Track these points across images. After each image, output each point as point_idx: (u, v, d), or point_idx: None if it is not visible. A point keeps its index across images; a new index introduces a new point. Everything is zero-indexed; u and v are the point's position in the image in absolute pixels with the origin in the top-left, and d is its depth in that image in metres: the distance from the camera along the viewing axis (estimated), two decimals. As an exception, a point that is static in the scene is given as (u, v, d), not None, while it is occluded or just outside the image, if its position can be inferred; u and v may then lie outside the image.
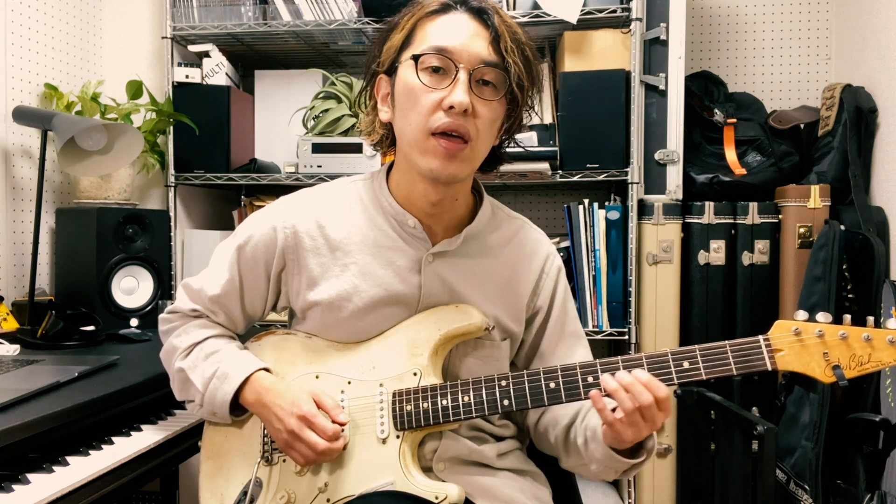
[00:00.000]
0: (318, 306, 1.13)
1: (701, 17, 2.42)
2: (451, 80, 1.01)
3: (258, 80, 2.38)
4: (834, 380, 0.93)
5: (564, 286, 1.22)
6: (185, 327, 1.20)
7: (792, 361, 0.94)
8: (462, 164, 1.04)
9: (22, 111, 1.97)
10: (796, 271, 2.00)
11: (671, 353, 0.99)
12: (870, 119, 2.07)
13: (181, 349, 1.18)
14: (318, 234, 1.13)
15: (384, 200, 1.14)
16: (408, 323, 1.12)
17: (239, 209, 2.35)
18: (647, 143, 2.06)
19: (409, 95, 1.04)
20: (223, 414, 1.13)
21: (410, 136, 1.05)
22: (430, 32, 1.04)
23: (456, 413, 1.05)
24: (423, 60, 1.02)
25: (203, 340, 1.18)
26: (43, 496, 1.05)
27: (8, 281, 2.07)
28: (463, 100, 1.00)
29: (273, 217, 1.16)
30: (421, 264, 1.12)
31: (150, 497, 2.40)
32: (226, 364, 1.13)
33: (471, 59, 1.02)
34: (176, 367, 1.18)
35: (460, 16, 1.04)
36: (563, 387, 1.03)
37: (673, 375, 0.98)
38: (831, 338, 0.93)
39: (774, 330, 0.96)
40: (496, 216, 1.20)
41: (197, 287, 1.21)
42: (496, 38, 1.03)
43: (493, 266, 1.16)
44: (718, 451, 1.74)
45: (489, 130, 1.06)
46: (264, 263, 1.16)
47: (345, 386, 1.11)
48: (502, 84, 1.04)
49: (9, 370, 1.42)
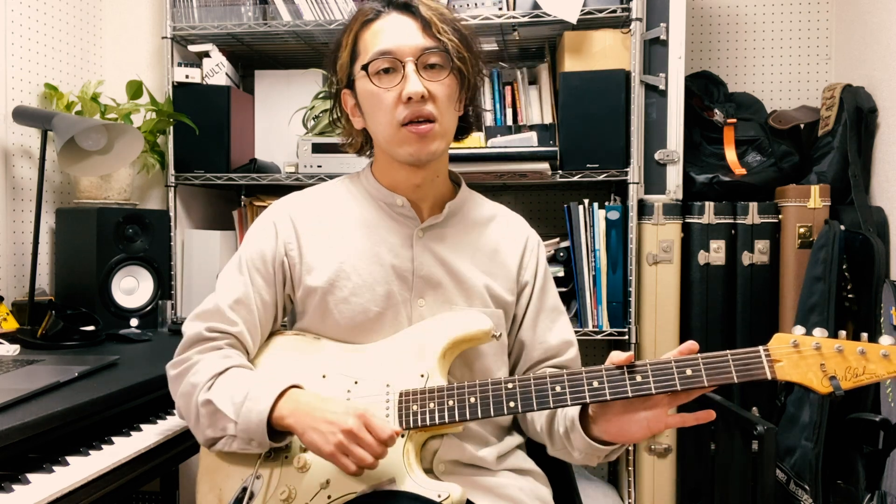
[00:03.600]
0: (317, 291, 1.16)
1: (701, 17, 2.42)
2: (402, 76, 1.11)
3: (258, 80, 2.39)
4: (831, 390, 0.96)
5: (545, 262, 1.28)
6: (201, 362, 1.13)
7: (790, 372, 0.98)
8: (436, 141, 1.14)
9: (22, 111, 1.97)
10: (796, 271, 2.00)
11: (675, 362, 1.02)
12: (870, 119, 2.07)
13: (202, 383, 1.10)
14: (312, 223, 1.19)
15: (371, 187, 1.22)
16: (416, 327, 1.15)
17: (239, 209, 2.35)
18: (647, 143, 2.06)
19: (371, 100, 1.14)
20: (261, 437, 1.04)
21: (384, 133, 1.15)
22: (369, 41, 1.14)
23: (462, 414, 1.06)
24: (372, 66, 1.12)
25: (225, 371, 1.11)
26: (43, 496, 1.05)
27: (8, 281, 2.06)
28: (417, 89, 1.09)
29: (270, 217, 1.22)
30: (412, 240, 1.18)
31: (150, 497, 2.40)
32: (256, 387, 1.07)
33: (412, 51, 1.11)
34: (201, 401, 1.09)
35: (391, 17, 1.15)
36: (569, 391, 1.04)
37: (676, 383, 1.01)
38: (828, 350, 0.97)
39: (773, 342, 1.00)
40: (474, 197, 1.29)
41: (210, 306, 1.17)
42: (427, 25, 1.13)
43: (479, 238, 1.22)
44: (718, 451, 1.74)
45: (449, 105, 1.15)
46: (271, 260, 1.19)
47: (351, 385, 1.12)
48: (446, 62, 1.13)
49: (9, 370, 1.42)
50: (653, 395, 1.01)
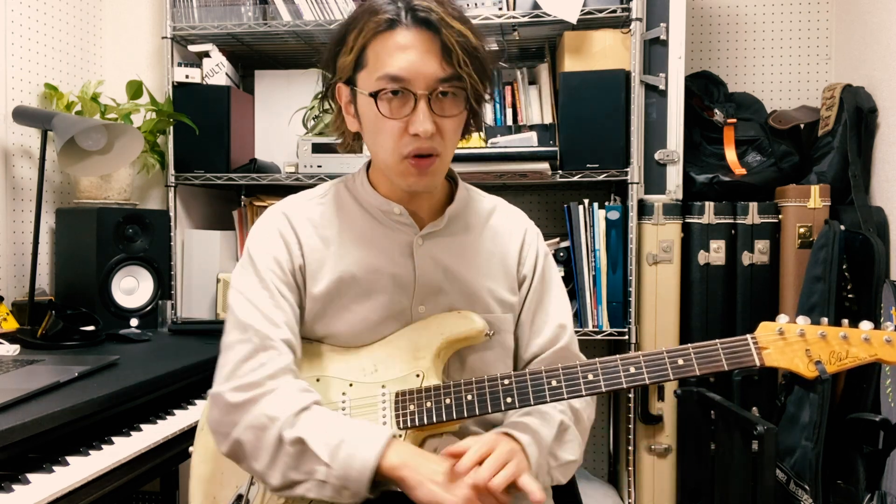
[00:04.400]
0: (318, 301, 1.13)
1: (701, 17, 2.42)
2: (412, 108, 1.03)
3: (258, 80, 2.39)
4: (817, 374, 1.01)
5: (545, 252, 1.25)
6: (278, 392, 1.01)
7: (777, 358, 1.02)
8: (435, 176, 1.10)
9: (22, 111, 1.97)
10: (796, 271, 2.00)
11: (667, 352, 1.04)
12: (870, 119, 2.07)
13: (283, 418, 0.99)
14: (312, 233, 1.15)
15: (368, 195, 1.17)
16: (410, 328, 1.13)
17: (239, 209, 2.35)
18: (647, 143, 2.06)
19: (374, 122, 1.06)
20: (358, 486, 0.95)
21: (383, 159, 1.09)
22: (382, 56, 1.04)
23: (459, 411, 1.06)
24: (382, 94, 1.03)
25: (309, 406, 1.01)
26: (43, 496, 1.05)
27: (8, 281, 2.06)
28: (427, 128, 1.02)
29: (273, 225, 1.15)
30: (412, 248, 1.15)
31: (150, 497, 2.40)
32: (352, 431, 1.00)
33: (427, 82, 1.02)
34: (288, 439, 0.98)
35: (407, 33, 1.03)
36: (565, 384, 1.04)
37: (669, 372, 1.03)
38: (812, 336, 1.02)
39: (760, 330, 1.05)
40: (472, 197, 1.25)
41: (243, 326, 1.06)
42: (447, 52, 1.02)
43: (478, 241, 1.19)
44: (718, 451, 1.74)
45: (454, 138, 1.10)
46: (288, 268, 1.12)
47: (346, 388, 1.11)
48: (461, 97, 1.06)
49: (9, 370, 1.42)
50: (646, 384, 1.01)
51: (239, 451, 1.02)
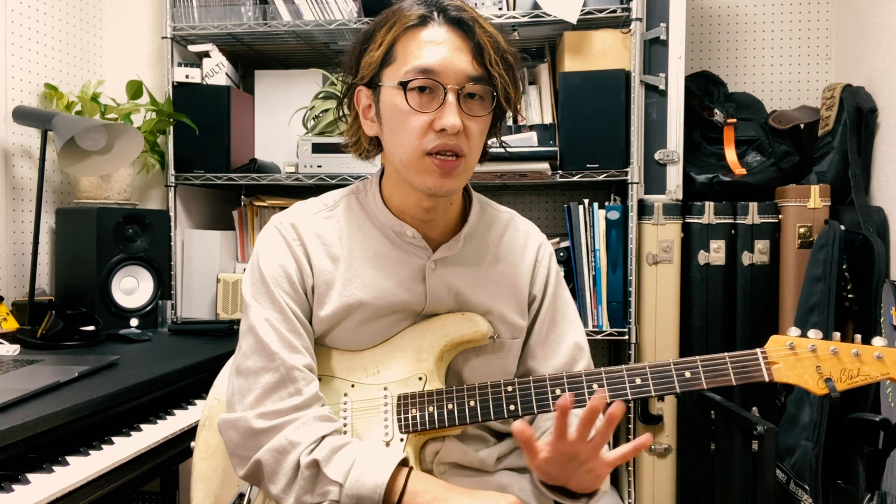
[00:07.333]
0: (324, 322, 1.10)
1: (701, 17, 2.42)
2: (440, 102, 1.01)
3: (258, 80, 2.39)
4: (826, 391, 0.98)
5: (556, 271, 1.22)
6: (302, 420, 1.02)
7: (787, 374, 1.00)
8: (458, 179, 1.06)
9: (22, 111, 1.97)
10: (796, 271, 2.00)
11: (674, 364, 1.02)
12: (870, 119, 2.07)
13: (305, 444, 0.99)
14: (321, 250, 1.11)
15: (380, 213, 1.13)
16: (413, 329, 1.12)
17: (239, 209, 2.35)
18: (647, 143, 2.06)
19: (398, 117, 1.03)
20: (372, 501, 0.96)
21: (403, 156, 1.05)
22: (411, 51, 1.02)
23: (462, 417, 1.05)
24: (411, 84, 1.01)
25: (330, 433, 1.02)
26: (43, 496, 1.05)
27: (8, 281, 2.06)
28: (455, 123, 1.00)
29: (281, 237, 1.12)
30: (424, 272, 1.11)
31: (150, 497, 2.40)
32: (364, 454, 1.00)
33: (457, 77, 1.01)
34: (305, 462, 0.98)
35: (440, 29, 1.03)
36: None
37: (675, 385, 1.01)
38: (823, 352, 0.99)
39: (770, 344, 1.02)
40: (486, 213, 1.21)
41: (269, 354, 1.04)
42: (479, 51, 1.02)
43: (491, 264, 1.16)
44: (718, 451, 1.74)
45: (480, 142, 1.07)
46: (298, 282, 1.10)
47: (348, 389, 1.11)
48: (489, 95, 1.05)
49: (9, 370, 1.42)
50: (652, 396, 1.01)
51: (258, 471, 1.01)
